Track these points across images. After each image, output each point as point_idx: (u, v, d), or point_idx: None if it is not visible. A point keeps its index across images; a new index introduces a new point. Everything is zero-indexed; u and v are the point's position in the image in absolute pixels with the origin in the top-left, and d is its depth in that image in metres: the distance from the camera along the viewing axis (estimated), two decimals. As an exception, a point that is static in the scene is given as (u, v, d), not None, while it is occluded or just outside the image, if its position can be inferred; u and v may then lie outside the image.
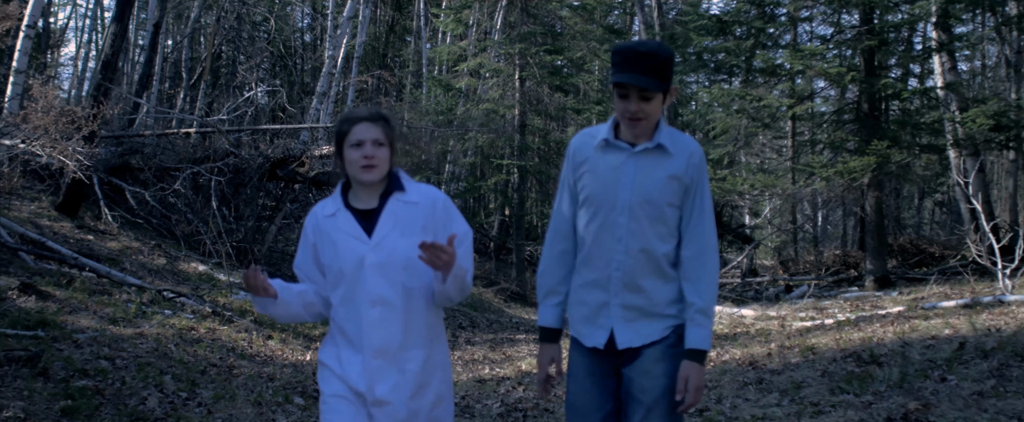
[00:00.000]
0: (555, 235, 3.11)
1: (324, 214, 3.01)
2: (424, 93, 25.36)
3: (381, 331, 2.90)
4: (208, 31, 24.15)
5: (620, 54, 2.89)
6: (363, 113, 2.96)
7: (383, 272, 2.89)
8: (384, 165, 2.91)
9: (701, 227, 2.93)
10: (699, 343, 2.87)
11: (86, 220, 13.73)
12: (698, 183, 2.95)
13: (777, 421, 5.19)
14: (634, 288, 2.93)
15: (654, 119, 2.90)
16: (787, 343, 8.07)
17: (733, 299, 12.43)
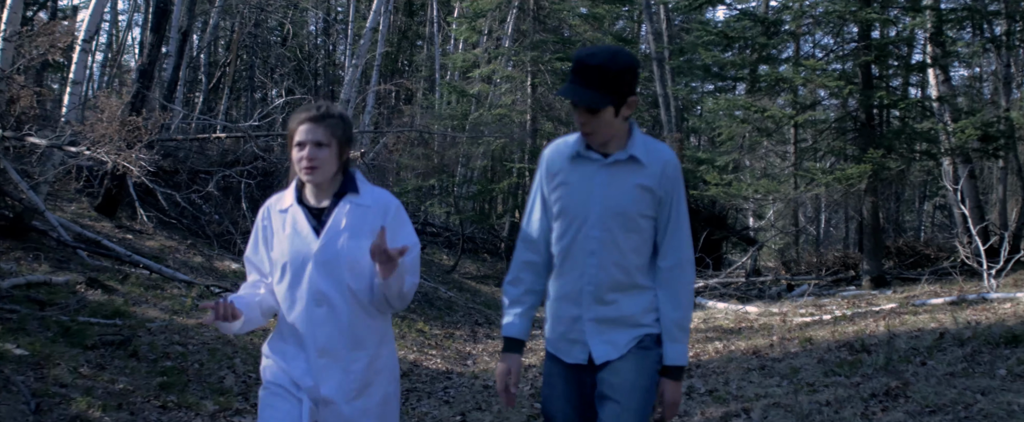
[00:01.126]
0: (523, 245, 3.09)
1: (278, 208, 3.00)
2: (438, 98, 26.15)
3: (325, 330, 2.90)
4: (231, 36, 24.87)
5: (573, 63, 2.87)
6: (308, 113, 2.92)
7: (328, 271, 2.88)
8: (327, 166, 2.88)
9: (677, 239, 2.92)
10: (676, 359, 2.89)
11: (123, 220, 14.56)
12: (673, 194, 2.93)
13: (777, 398, 5.98)
14: (606, 302, 2.93)
15: (609, 131, 2.88)
16: (787, 335, 8.86)
17: (738, 297, 13.21)
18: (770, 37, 12.46)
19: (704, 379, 7.14)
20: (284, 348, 2.96)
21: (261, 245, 3.00)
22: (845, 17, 11.73)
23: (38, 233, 11.12)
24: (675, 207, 2.91)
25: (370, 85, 21.19)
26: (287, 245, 2.92)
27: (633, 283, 2.91)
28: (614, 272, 2.88)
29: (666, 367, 2.88)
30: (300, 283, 2.90)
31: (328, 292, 2.87)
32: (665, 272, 2.90)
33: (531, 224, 3.05)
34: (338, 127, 2.89)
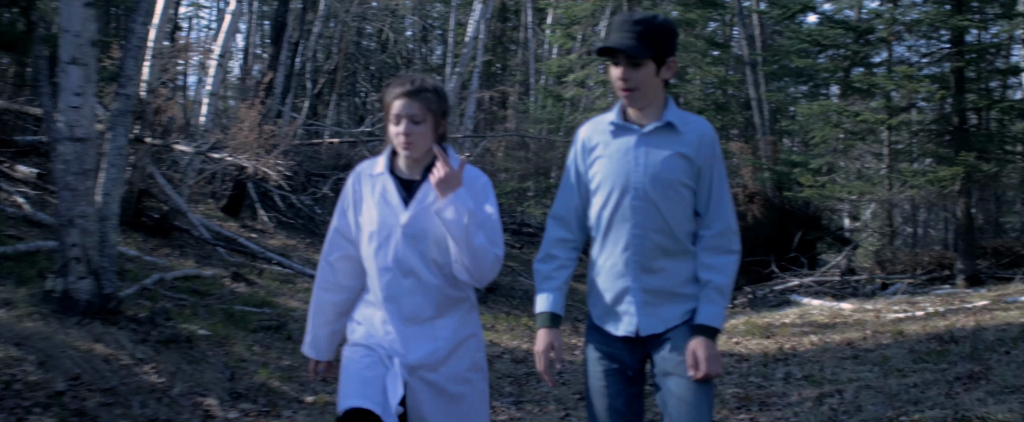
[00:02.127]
0: (554, 222, 3.10)
1: (368, 172, 3.02)
2: (532, 102, 26.91)
3: (412, 299, 2.92)
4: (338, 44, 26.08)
5: (614, 22, 2.90)
6: (403, 87, 2.92)
7: (414, 243, 2.90)
8: (423, 140, 2.90)
9: (720, 209, 2.92)
10: (710, 319, 2.87)
11: (245, 220, 15.72)
12: (711, 164, 2.92)
13: (868, 381, 6.54)
14: (653, 270, 2.92)
15: (648, 90, 2.88)
16: (880, 329, 9.33)
17: (832, 295, 13.62)
18: (862, 44, 12.84)
19: (800, 366, 7.71)
20: (372, 315, 2.99)
21: (350, 211, 3.02)
22: (936, 24, 12.05)
23: (181, 231, 12.25)
24: (716, 178, 2.91)
25: (468, 90, 22.09)
26: (375, 213, 2.94)
27: (680, 248, 2.91)
28: (658, 238, 2.89)
29: (697, 325, 2.87)
30: (387, 253, 2.92)
31: (414, 264, 2.90)
32: (708, 240, 2.90)
33: (563, 202, 3.07)
34: (433, 101, 2.91)
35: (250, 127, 10.62)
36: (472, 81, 20.30)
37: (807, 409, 5.96)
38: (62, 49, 5.26)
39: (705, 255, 2.90)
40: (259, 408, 5.51)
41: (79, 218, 5.49)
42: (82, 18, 5.28)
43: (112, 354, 5.26)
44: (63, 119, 5.38)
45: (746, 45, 18.50)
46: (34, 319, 5.33)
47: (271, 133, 10.79)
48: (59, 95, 5.39)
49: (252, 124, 10.69)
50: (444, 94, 2.99)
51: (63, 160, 5.44)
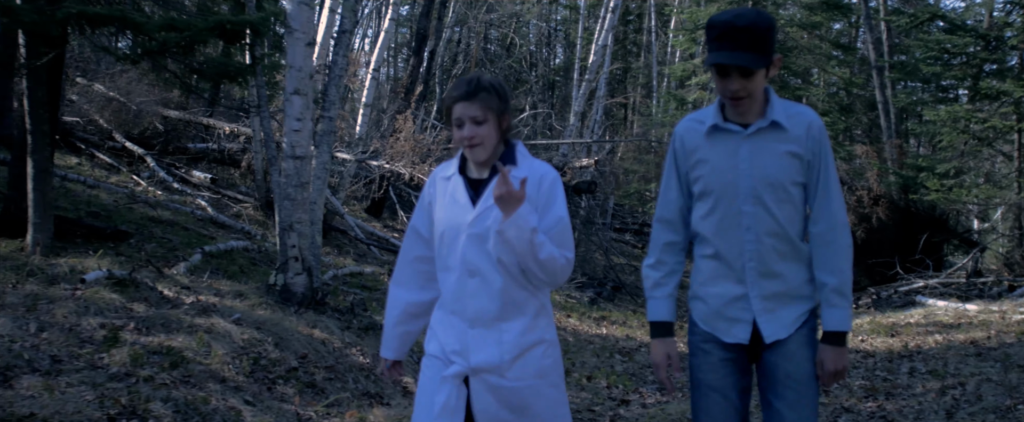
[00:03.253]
0: (660, 226, 3.04)
1: (442, 175, 3.04)
2: (655, 105, 27.51)
3: (477, 300, 2.89)
4: (469, 51, 27.22)
5: (716, 28, 2.74)
6: (461, 90, 2.88)
7: (480, 243, 2.87)
8: (488, 140, 2.87)
9: (828, 203, 2.83)
10: (838, 324, 2.82)
11: (386, 220, 16.91)
12: (821, 156, 2.83)
13: (989, 376, 7.07)
14: (771, 275, 2.86)
15: (759, 96, 2.80)
16: (1005, 329, 9.72)
17: (957, 296, 13.87)
18: (992, 52, 13.03)
19: (924, 362, 8.24)
20: (441, 316, 2.99)
21: (426, 211, 3.04)
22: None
23: (338, 232, 13.45)
24: (824, 170, 2.83)
25: (595, 96, 22.86)
26: (445, 214, 2.94)
27: (795, 249, 2.86)
28: (773, 242, 2.82)
29: (826, 333, 2.84)
30: (454, 253, 2.91)
31: (480, 264, 2.87)
32: (818, 237, 2.84)
33: (668, 205, 3.00)
34: (492, 100, 2.87)
35: (406, 137, 11.68)
36: (599, 87, 21.06)
37: (930, 399, 6.55)
38: (288, 81, 6.31)
39: (817, 252, 2.85)
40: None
41: (297, 223, 6.55)
42: (304, 56, 6.32)
43: (327, 338, 6.30)
44: (286, 140, 6.44)
45: (872, 49, 18.69)
46: (263, 308, 6.42)
47: (423, 142, 11.82)
48: (284, 120, 6.45)
49: (408, 134, 11.75)
50: (503, 90, 2.94)
51: (285, 175, 6.50)
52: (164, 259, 8.15)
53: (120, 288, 6.19)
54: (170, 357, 5.19)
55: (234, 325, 5.86)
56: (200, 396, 4.85)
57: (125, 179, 12.45)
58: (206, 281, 7.31)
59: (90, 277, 6.06)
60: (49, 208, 7.14)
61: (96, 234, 8.13)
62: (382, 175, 13.17)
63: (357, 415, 5.29)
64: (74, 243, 7.74)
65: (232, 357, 5.48)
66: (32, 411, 4.11)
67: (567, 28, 34.40)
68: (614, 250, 18.92)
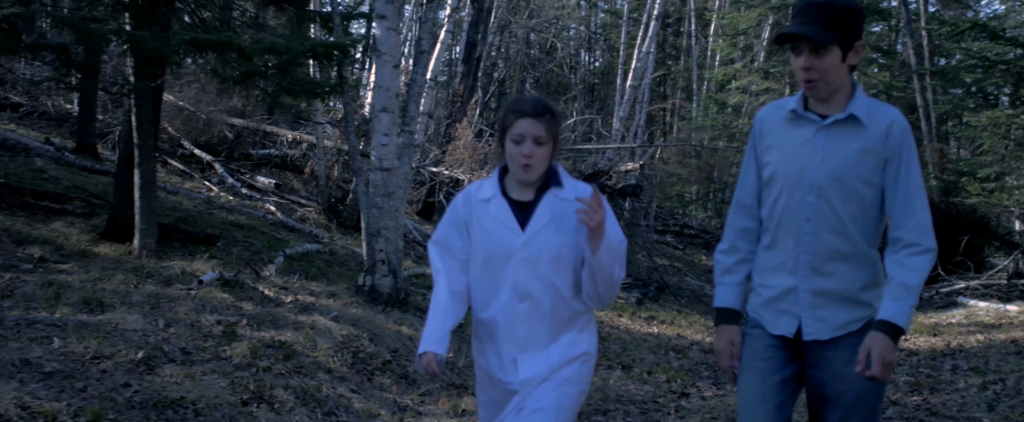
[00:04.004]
0: (737, 211, 2.98)
1: (479, 197, 2.94)
2: (696, 108, 27.97)
3: (526, 325, 2.87)
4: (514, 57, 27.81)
5: (795, 7, 2.70)
6: (528, 106, 2.82)
7: (532, 267, 2.84)
8: (543, 163, 2.82)
9: (911, 206, 2.68)
10: (894, 316, 2.64)
11: (435, 221, 17.51)
12: (900, 156, 2.69)
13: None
14: (824, 272, 2.76)
15: (833, 79, 2.68)
16: (1045, 329, 10.12)
17: (999, 297, 14.21)
18: (1033, 60, 13.37)
19: (966, 360, 8.67)
20: (484, 348, 2.99)
21: (456, 229, 2.97)
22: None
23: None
24: (904, 170, 2.69)
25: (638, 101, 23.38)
26: (490, 238, 2.87)
27: (856, 251, 2.74)
28: (832, 240, 2.73)
29: (879, 321, 2.65)
30: (502, 277, 2.86)
31: (531, 288, 2.84)
32: (900, 242, 2.69)
33: (746, 189, 2.95)
34: (555, 123, 2.85)
35: (465, 145, 12.28)
36: (643, 93, 21.57)
37: (973, 394, 7.01)
38: (376, 99, 6.92)
39: (895, 253, 2.70)
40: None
41: (384, 230, 7.15)
42: (391, 77, 6.92)
43: (413, 334, 6.89)
44: (374, 154, 7.04)
45: (913, 54, 18.99)
46: (355, 307, 7.03)
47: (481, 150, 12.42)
48: (372, 135, 7.05)
49: (467, 142, 12.35)
50: (561, 117, 2.93)
51: (373, 185, 7.11)
52: (251, 261, 8.79)
53: (228, 288, 6.83)
54: (283, 350, 5.80)
55: (333, 322, 6.48)
56: (312, 384, 5.45)
57: (198, 185, 13.15)
58: (297, 282, 7.94)
59: (206, 278, 6.70)
60: (153, 215, 7.80)
61: (189, 238, 8.79)
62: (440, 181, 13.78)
63: (449, 403, 5.87)
64: (171, 247, 8.40)
65: (335, 351, 6.08)
66: (181, 395, 4.73)
67: (607, 32, 34.87)
68: (657, 251, 19.38)
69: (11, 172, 9.96)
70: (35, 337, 5.21)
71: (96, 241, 8.10)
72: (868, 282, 2.76)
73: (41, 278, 6.64)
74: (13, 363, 4.69)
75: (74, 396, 4.44)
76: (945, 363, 8.67)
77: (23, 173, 10.17)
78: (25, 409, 4.10)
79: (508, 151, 2.83)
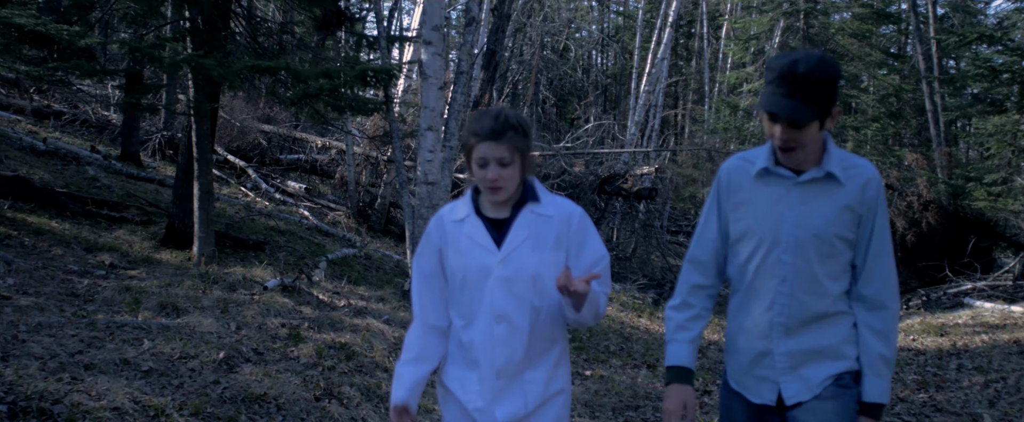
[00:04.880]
0: (691, 267, 2.89)
1: (452, 218, 2.82)
2: (708, 111, 28.48)
3: (504, 349, 2.74)
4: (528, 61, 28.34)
5: (773, 71, 2.58)
6: (486, 129, 2.65)
7: (509, 287, 2.72)
8: (511, 183, 2.68)
9: (881, 263, 2.69)
10: (878, 396, 2.67)
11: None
12: (875, 214, 2.68)
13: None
14: (799, 334, 2.71)
15: (812, 146, 2.64)
16: (1046, 330, 10.64)
17: (1004, 298, 14.71)
18: (1036, 70, 13.84)
19: (971, 359, 9.20)
20: (457, 373, 2.82)
21: (432, 256, 2.83)
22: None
23: (425, 237, 14.65)
24: (877, 228, 2.68)
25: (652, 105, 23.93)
26: (465, 259, 2.75)
27: (831, 311, 2.71)
28: (808, 301, 2.68)
29: (864, 404, 2.67)
30: (479, 299, 2.74)
31: (509, 309, 2.72)
32: (869, 300, 2.70)
33: (703, 245, 2.86)
34: (519, 139, 2.67)
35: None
36: (657, 98, 22.11)
37: (975, 391, 7.56)
38: (422, 119, 7.49)
39: (866, 316, 2.71)
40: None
41: (429, 238, 7.72)
42: (436, 97, 7.49)
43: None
44: (420, 169, 7.61)
45: (922, 59, 19.47)
46: (402, 311, 7.61)
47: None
48: (418, 152, 7.62)
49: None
50: (528, 126, 2.75)
51: (418, 198, 7.68)
52: (296, 266, 9.38)
53: (287, 293, 7.41)
54: (344, 351, 6.38)
55: (385, 325, 7.05)
56: (373, 382, 6.02)
57: (234, 191, 13.75)
58: (346, 287, 8.53)
59: (271, 284, 7.28)
60: (211, 224, 8.38)
61: (240, 244, 9.38)
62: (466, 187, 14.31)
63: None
64: (224, 253, 8.99)
65: (389, 351, 6.66)
66: (263, 391, 5.31)
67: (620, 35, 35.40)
68: (670, 252, 19.91)
69: (69, 181, 10.56)
70: (126, 339, 5.79)
71: (157, 248, 8.69)
72: (846, 337, 2.72)
73: (116, 284, 7.23)
74: (114, 362, 5.28)
75: (173, 392, 5.03)
76: (950, 362, 9.20)
77: (79, 182, 10.77)
78: (137, 403, 4.69)
79: (474, 174, 2.71)
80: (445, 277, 2.83)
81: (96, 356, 5.30)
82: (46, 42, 6.85)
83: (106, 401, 4.59)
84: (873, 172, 2.72)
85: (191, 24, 7.68)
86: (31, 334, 5.52)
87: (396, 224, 14.68)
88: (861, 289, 2.71)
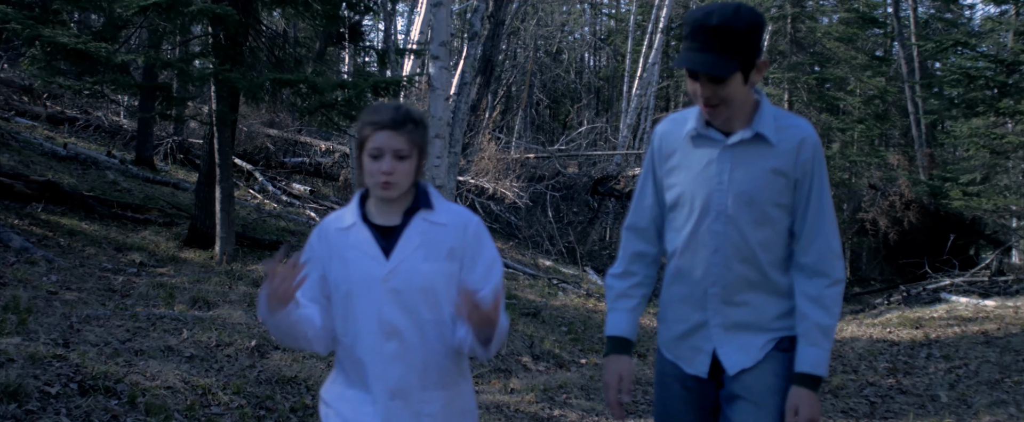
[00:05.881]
0: (631, 234, 2.78)
1: (337, 226, 2.63)
2: (699, 112, 29.09)
3: (397, 368, 2.53)
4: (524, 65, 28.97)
5: (688, 26, 2.44)
6: (387, 117, 2.49)
7: (400, 300, 2.52)
8: (406, 179, 2.51)
9: (820, 230, 2.55)
10: (814, 366, 2.53)
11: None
12: (811, 176, 2.54)
13: (990, 358, 8.71)
14: (736, 304, 2.60)
15: (738, 102, 2.48)
16: (1013, 322, 11.31)
17: (979, 293, 15.41)
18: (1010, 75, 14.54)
19: (940, 349, 9.87)
20: (346, 392, 2.61)
21: (314, 265, 2.61)
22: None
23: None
24: (816, 192, 2.55)
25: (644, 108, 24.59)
26: (350, 270, 2.56)
27: (767, 280, 2.59)
28: (742, 269, 2.57)
29: (800, 374, 2.53)
30: (366, 314, 2.54)
31: (400, 324, 2.52)
32: (808, 268, 2.57)
33: (641, 212, 2.76)
34: (418, 134, 2.53)
35: (490, 157, 13.50)
36: (649, 101, 22.77)
37: (940, 376, 8.23)
38: (430, 127, 8.12)
39: (805, 283, 2.58)
40: (552, 365, 8.26)
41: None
42: (442, 107, 8.14)
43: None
44: (428, 174, 8.24)
45: (904, 64, 20.19)
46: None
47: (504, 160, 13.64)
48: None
49: (491, 154, 13.57)
50: (427, 125, 2.61)
51: (426, 200, 8.32)
52: (310, 264, 9.99)
53: (306, 289, 8.03)
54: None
55: (397, 317, 7.69)
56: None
57: (244, 193, 14.37)
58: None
59: (292, 280, 7.90)
60: (232, 225, 9.01)
61: (257, 244, 10.00)
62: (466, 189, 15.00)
63: (499, 383, 7.09)
64: (243, 252, 9.62)
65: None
66: (294, 374, 5.94)
67: (612, 38, 36.06)
68: (663, 251, 20.52)
69: (93, 185, 11.19)
70: (167, 329, 6.42)
71: (181, 248, 9.31)
72: (784, 310, 2.62)
73: (148, 280, 7.86)
74: (160, 349, 5.91)
75: (216, 374, 5.66)
76: (921, 352, 9.86)
77: (101, 185, 11.40)
78: (186, 383, 5.33)
79: (366, 167, 2.51)
80: (325, 291, 2.61)
81: (143, 343, 5.93)
82: (84, 58, 7.46)
83: (160, 381, 5.23)
84: (809, 132, 2.56)
85: (214, 39, 8.30)
86: (83, 324, 6.15)
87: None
88: (800, 257, 2.59)
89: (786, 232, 2.60)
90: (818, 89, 23.72)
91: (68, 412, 4.60)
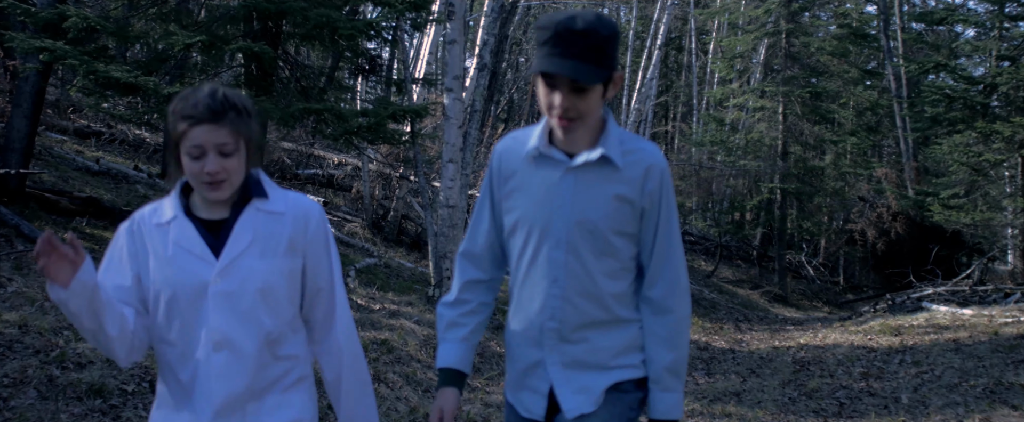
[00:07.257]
0: (465, 260, 2.61)
1: (154, 221, 2.29)
2: (696, 125, 30.01)
3: (224, 383, 2.23)
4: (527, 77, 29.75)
5: (548, 30, 2.25)
6: (203, 109, 2.15)
7: (231, 304, 2.23)
8: (235, 177, 2.22)
9: (668, 263, 2.41)
10: (666, 412, 2.40)
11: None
12: (659, 206, 2.38)
13: (955, 364, 9.52)
14: (574, 341, 2.42)
15: (591, 119, 2.32)
16: (985, 331, 12.12)
17: (959, 302, 16.21)
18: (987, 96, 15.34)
19: (913, 355, 10.68)
20: (169, 415, 2.30)
21: (125, 270, 2.26)
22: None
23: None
24: (663, 222, 2.40)
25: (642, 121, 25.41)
26: (171, 271, 2.24)
27: (610, 317, 2.44)
28: (583, 304, 2.41)
29: (654, 421, 2.42)
30: (191, 322, 2.24)
31: (230, 332, 2.24)
32: (654, 303, 2.44)
33: (475, 239, 2.59)
34: (243, 122, 2.22)
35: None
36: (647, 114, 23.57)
37: (907, 380, 9.03)
38: (444, 153, 8.96)
39: (653, 322, 2.44)
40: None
41: (450, 253, 9.19)
42: (456, 135, 8.96)
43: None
44: (442, 195, 9.07)
45: (893, 81, 21.01)
46: (429, 313, 9.07)
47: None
48: (441, 181, 9.08)
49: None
50: (252, 110, 2.29)
51: (440, 219, 9.13)
52: (330, 275, 10.80)
53: (332, 298, 8.86)
54: (385, 345, 7.83)
55: (415, 325, 8.51)
56: (410, 370, 7.47)
57: (262, 205, 15.17)
58: (377, 293, 9.98)
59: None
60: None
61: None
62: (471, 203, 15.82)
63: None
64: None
65: (420, 346, 8.11)
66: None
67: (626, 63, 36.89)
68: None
69: (128, 199, 12.01)
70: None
71: (213, 259, 10.13)
72: (627, 345, 2.47)
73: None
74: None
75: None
76: (896, 358, 10.66)
77: (133, 199, 12.21)
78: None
79: (186, 168, 2.21)
80: (141, 296, 2.30)
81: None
82: (134, 90, 8.29)
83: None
84: (657, 158, 2.42)
85: (246, 70, 9.13)
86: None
87: (407, 234, 16.15)
88: (647, 291, 2.46)
89: (632, 262, 2.47)
90: (812, 102, 24.50)
91: (144, 407, 5.42)
